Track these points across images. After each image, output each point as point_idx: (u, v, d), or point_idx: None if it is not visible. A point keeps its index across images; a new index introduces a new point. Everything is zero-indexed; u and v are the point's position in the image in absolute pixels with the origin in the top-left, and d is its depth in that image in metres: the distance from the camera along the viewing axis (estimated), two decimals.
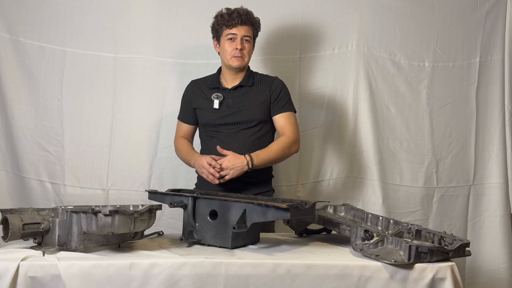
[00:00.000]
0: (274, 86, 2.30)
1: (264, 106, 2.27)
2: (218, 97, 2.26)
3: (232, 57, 2.23)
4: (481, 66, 2.84)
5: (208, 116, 2.27)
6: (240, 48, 2.21)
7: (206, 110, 2.28)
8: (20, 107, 2.67)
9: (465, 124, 2.86)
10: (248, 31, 2.24)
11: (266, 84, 2.31)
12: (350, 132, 2.80)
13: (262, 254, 1.61)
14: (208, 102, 2.28)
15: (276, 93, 2.28)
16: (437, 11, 2.82)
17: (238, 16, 2.21)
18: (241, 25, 2.21)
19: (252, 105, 2.25)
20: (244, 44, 2.23)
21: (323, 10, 2.78)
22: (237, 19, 2.21)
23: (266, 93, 2.28)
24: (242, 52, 2.22)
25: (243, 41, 2.23)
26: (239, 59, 2.23)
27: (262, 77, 2.35)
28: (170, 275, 1.45)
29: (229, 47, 2.23)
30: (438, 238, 1.66)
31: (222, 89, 2.29)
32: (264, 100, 2.27)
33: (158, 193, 1.85)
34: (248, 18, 2.23)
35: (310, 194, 2.80)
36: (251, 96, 2.27)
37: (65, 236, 1.55)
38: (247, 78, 2.30)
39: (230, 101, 2.26)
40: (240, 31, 2.22)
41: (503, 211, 2.79)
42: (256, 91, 2.28)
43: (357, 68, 2.78)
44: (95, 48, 2.70)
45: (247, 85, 2.28)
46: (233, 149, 2.18)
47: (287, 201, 1.76)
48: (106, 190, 2.70)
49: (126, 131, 2.72)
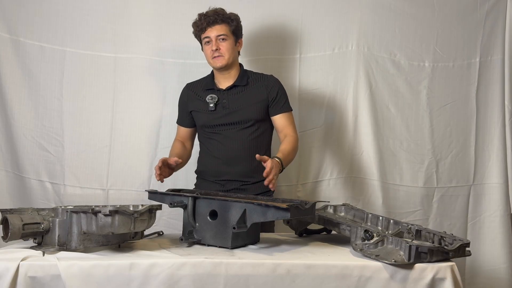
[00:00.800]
0: (271, 85, 2.29)
1: (261, 105, 2.26)
2: (213, 98, 2.26)
3: (211, 58, 2.24)
4: (481, 66, 2.84)
5: (205, 118, 2.28)
6: (215, 49, 2.22)
7: (202, 112, 2.28)
8: (20, 107, 2.67)
9: (465, 124, 2.86)
10: (221, 30, 2.23)
11: (262, 82, 2.30)
12: (350, 132, 2.80)
13: (262, 254, 1.61)
14: (203, 104, 2.28)
15: (274, 92, 2.28)
16: (437, 11, 2.82)
17: (205, 18, 2.23)
18: (210, 26, 2.22)
19: (248, 105, 2.25)
20: (220, 44, 2.23)
21: (323, 10, 2.78)
22: (204, 22, 2.22)
23: (262, 92, 2.27)
24: (219, 51, 2.23)
25: (218, 40, 2.23)
26: (219, 59, 2.23)
27: (257, 75, 2.34)
28: (170, 275, 1.45)
29: (207, 50, 2.25)
30: (438, 238, 1.66)
31: (217, 90, 2.29)
32: (260, 99, 2.26)
33: (158, 193, 1.85)
34: (216, 17, 2.23)
35: (310, 194, 2.80)
36: (247, 96, 2.27)
37: (65, 236, 1.55)
38: (241, 78, 2.30)
39: (225, 101, 2.26)
40: (212, 32, 2.23)
41: (503, 211, 2.79)
42: (252, 90, 2.28)
43: (357, 68, 2.78)
44: (95, 48, 2.70)
45: (241, 84, 2.28)
46: (232, 150, 2.19)
47: (287, 201, 1.76)
48: (106, 190, 2.70)
49: (126, 131, 2.72)
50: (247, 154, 2.22)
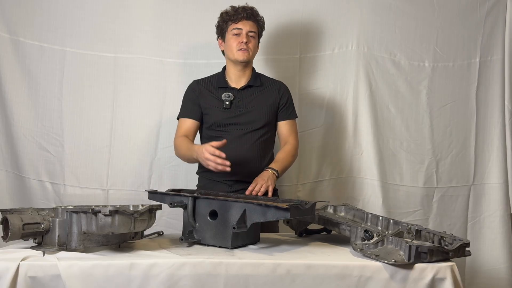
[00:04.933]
0: (282, 90, 2.33)
1: (272, 108, 2.28)
2: (229, 97, 2.25)
3: (237, 50, 2.23)
4: (481, 66, 2.84)
5: (218, 115, 2.24)
6: (245, 41, 2.22)
7: (216, 109, 2.25)
8: (20, 107, 2.67)
9: (465, 124, 2.86)
10: (253, 27, 2.26)
11: (274, 86, 2.33)
12: (350, 132, 2.81)
13: (262, 254, 1.61)
14: (217, 102, 2.26)
15: (285, 98, 2.31)
16: (437, 11, 2.82)
17: (243, 10, 2.24)
18: (246, 20, 2.24)
19: (261, 106, 2.26)
20: (250, 39, 2.24)
21: (323, 10, 2.78)
22: (243, 13, 2.23)
23: (275, 96, 2.30)
24: (248, 45, 2.23)
25: (248, 36, 2.24)
26: (244, 52, 2.23)
27: (268, 79, 2.37)
28: (170, 275, 1.45)
29: (234, 41, 2.24)
30: (438, 238, 1.66)
31: (231, 88, 2.28)
32: (272, 102, 2.28)
33: (158, 193, 1.85)
34: (253, 13, 2.26)
35: (310, 194, 2.80)
36: (261, 97, 2.28)
37: (65, 236, 1.55)
38: (255, 78, 2.30)
39: (240, 101, 2.26)
40: (245, 26, 2.23)
41: (503, 211, 2.79)
42: (265, 93, 2.29)
43: (357, 68, 2.78)
44: (95, 48, 2.70)
45: (255, 85, 2.29)
46: (242, 150, 2.19)
47: (287, 201, 1.76)
48: (106, 190, 2.70)
49: (126, 131, 2.72)
50: (256, 155, 2.22)
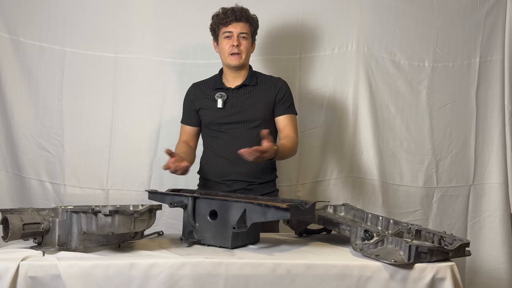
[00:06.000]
0: (279, 86, 2.30)
1: (269, 105, 2.27)
2: (222, 96, 2.25)
3: (229, 54, 2.23)
4: (481, 66, 2.84)
5: (212, 115, 2.26)
6: (236, 45, 2.21)
7: (210, 109, 2.27)
8: (20, 107, 2.67)
9: (465, 124, 2.86)
10: (244, 28, 2.24)
11: (271, 83, 2.31)
12: (350, 132, 2.80)
13: (262, 254, 1.61)
14: (211, 102, 2.27)
15: (281, 93, 2.29)
16: (437, 11, 2.82)
17: (232, 13, 2.22)
18: (236, 22, 2.22)
19: (256, 104, 2.25)
20: (241, 41, 2.23)
21: (323, 10, 2.78)
22: (231, 16, 2.22)
23: (271, 93, 2.28)
24: (239, 48, 2.22)
25: (240, 38, 2.23)
26: (236, 57, 2.22)
27: (266, 77, 2.35)
28: (170, 275, 1.45)
29: (226, 45, 2.23)
30: (438, 238, 1.66)
31: (226, 89, 2.28)
32: (268, 99, 2.27)
33: (158, 193, 1.85)
34: (243, 14, 2.24)
35: (310, 194, 2.80)
36: (255, 95, 2.27)
37: (65, 236, 1.55)
38: (250, 78, 2.30)
39: (234, 100, 2.25)
40: (235, 28, 2.22)
41: (503, 211, 2.79)
42: (261, 90, 2.28)
43: (357, 68, 2.78)
44: (95, 48, 2.70)
45: (250, 84, 2.28)
46: (239, 149, 2.14)
47: (287, 201, 1.76)
48: (106, 190, 2.70)
49: (126, 131, 2.72)
50: None
